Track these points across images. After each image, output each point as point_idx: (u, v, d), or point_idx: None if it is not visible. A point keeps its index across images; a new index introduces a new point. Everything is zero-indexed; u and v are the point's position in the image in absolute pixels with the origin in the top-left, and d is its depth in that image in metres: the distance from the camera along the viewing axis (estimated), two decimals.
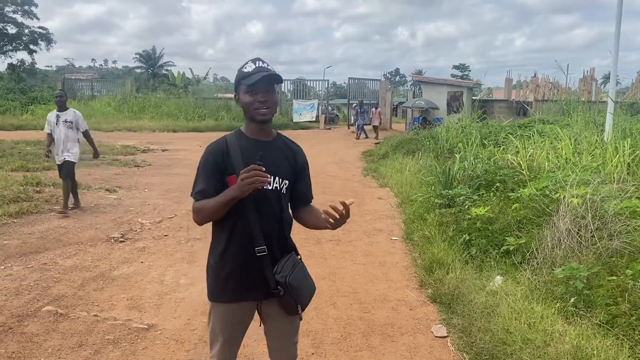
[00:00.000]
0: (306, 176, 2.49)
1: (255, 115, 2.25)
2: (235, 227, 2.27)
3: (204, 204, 2.22)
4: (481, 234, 5.89)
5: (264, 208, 2.27)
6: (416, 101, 24.72)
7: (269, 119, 2.27)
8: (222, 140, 2.34)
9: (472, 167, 8.38)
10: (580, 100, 23.33)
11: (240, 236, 2.27)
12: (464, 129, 16.57)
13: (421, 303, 4.80)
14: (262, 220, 2.26)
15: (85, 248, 6.26)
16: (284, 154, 2.38)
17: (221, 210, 2.19)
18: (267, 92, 2.24)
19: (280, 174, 2.32)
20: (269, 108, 2.24)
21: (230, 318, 2.37)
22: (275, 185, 2.30)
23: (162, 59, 57.08)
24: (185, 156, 16.33)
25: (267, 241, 2.26)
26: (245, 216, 2.24)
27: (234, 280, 2.30)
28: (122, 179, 11.24)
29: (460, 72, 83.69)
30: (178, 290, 4.97)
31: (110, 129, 24.25)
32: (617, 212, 5.15)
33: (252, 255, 2.24)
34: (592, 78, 29.59)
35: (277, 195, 2.31)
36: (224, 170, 2.24)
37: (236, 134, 2.36)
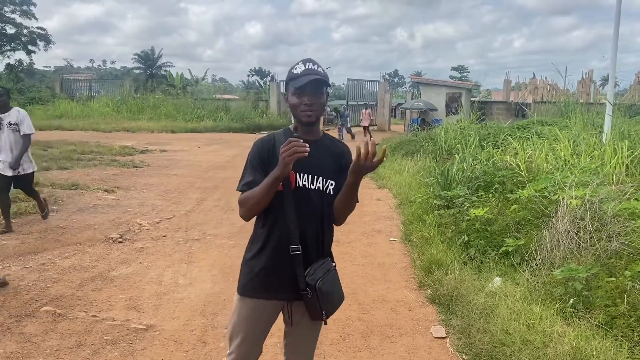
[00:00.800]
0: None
1: (301, 117, 2.25)
2: (274, 224, 2.27)
3: (250, 192, 2.21)
4: (480, 235, 5.90)
5: (304, 207, 2.26)
6: (415, 102, 24.74)
7: (314, 121, 2.27)
8: (270, 137, 2.35)
9: (471, 168, 8.38)
10: (578, 102, 23.38)
11: (278, 233, 2.26)
12: (462, 130, 16.60)
13: (420, 304, 4.80)
14: (300, 218, 2.25)
15: (84, 248, 6.24)
16: (329, 152, 2.35)
17: (267, 194, 2.17)
18: (314, 95, 2.22)
19: (325, 174, 2.30)
20: (314, 111, 2.24)
21: (257, 314, 2.35)
22: (319, 185, 2.29)
23: (161, 59, 57.01)
24: (184, 157, 16.33)
25: (303, 241, 2.25)
26: (284, 213, 2.24)
27: (266, 277, 2.30)
28: (120, 180, 11.23)
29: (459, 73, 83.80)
30: (177, 291, 4.96)
31: (108, 129, 24.25)
32: (616, 213, 5.16)
33: (287, 253, 2.24)
34: (591, 80, 29.67)
35: (320, 196, 2.30)
36: (269, 165, 2.22)
37: (284, 131, 2.39)
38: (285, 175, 2.12)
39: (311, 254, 2.28)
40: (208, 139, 22.49)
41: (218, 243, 6.70)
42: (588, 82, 29.15)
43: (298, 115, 2.25)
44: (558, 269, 4.76)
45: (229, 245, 6.61)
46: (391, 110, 33.06)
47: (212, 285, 5.17)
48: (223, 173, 13.07)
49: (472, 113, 23.07)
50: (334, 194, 2.31)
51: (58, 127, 24.73)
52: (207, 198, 9.75)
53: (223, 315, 4.44)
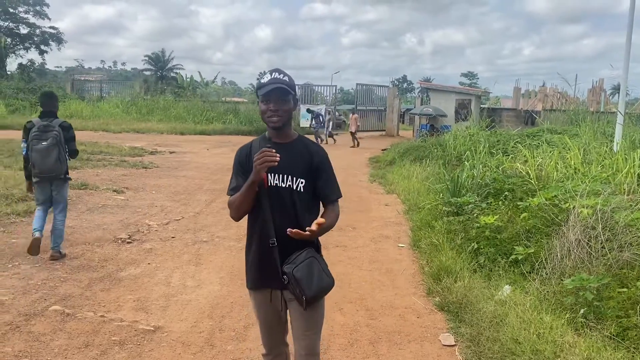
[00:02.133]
0: (325, 176, 2.63)
1: (268, 122, 2.52)
2: (256, 221, 2.57)
3: (233, 197, 2.54)
4: (490, 242, 5.85)
5: (277, 204, 2.51)
6: (424, 108, 24.68)
7: (280, 125, 2.51)
8: (248, 144, 2.66)
9: (481, 175, 8.33)
10: (588, 111, 23.25)
11: (260, 230, 2.54)
12: (471, 136, 16.54)
13: (429, 311, 4.77)
14: (275, 215, 2.50)
15: (93, 248, 6.26)
16: (300, 154, 2.58)
17: (245, 198, 2.47)
18: (279, 102, 2.47)
19: (294, 172, 2.53)
20: (280, 117, 2.49)
21: (259, 302, 2.63)
22: (289, 183, 2.53)
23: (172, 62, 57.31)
24: (192, 159, 16.38)
25: (279, 235, 2.47)
26: (263, 212, 2.51)
27: (256, 269, 2.59)
28: (129, 180, 11.27)
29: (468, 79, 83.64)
30: (185, 293, 4.96)
31: (118, 130, 24.36)
32: (627, 223, 5.11)
33: (268, 247, 2.49)
34: (601, 88, 29.51)
35: (290, 193, 2.53)
36: (248, 170, 2.48)
37: (261, 137, 2.67)
38: (258, 180, 2.42)
39: (288, 246, 2.47)
40: (217, 142, 22.54)
41: (226, 245, 6.70)
42: (598, 90, 29.00)
43: (266, 121, 2.52)
44: (568, 278, 4.72)
45: (237, 247, 6.60)
46: (400, 115, 33.01)
47: (220, 287, 5.17)
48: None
49: (481, 120, 22.99)
50: (304, 191, 2.55)
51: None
52: (215, 200, 9.76)
53: (230, 318, 4.44)
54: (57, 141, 5.60)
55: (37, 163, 5.56)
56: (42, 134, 5.57)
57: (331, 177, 2.68)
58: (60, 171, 5.73)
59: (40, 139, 5.55)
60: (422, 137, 19.80)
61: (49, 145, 5.56)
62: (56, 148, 5.59)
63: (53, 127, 5.65)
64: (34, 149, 5.54)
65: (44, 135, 5.57)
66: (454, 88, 27.86)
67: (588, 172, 7.88)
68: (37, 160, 5.55)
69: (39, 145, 5.54)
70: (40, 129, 5.60)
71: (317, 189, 2.61)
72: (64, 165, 5.75)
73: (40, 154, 5.54)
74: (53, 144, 5.57)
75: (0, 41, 38.92)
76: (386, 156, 17.14)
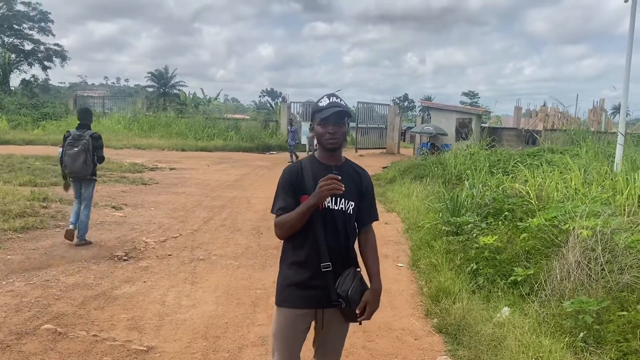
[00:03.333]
0: (369, 197, 2.73)
1: (326, 145, 2.57)
2: (305, 242, 2.56)
3: (285, 217, 2.51)
4: (489, 263, 5.80)
5: (331, 227, 2.56)
6: (425, 127, 24.73)
7: (337, 147, 2.59)
8: (297, 164, 2.68)
9: (481, 195, 8.30)
10: (589, 131, 23.28)
11: (309, 250, 2.55)
12: (472, 155, 16.54)
13: (426, 333, 4.71)
14: (328, 237, 2.54)
15: (89, 265, 6.22)
16: (351, 177, 2.65)
17: (301, 219, 2.48)
18: (337, 125, 2.54)
19: (346, 195, 2.57)
20: (337, 139, 2.56)
21: (292, 322, 2.63)
22: (341, 206, 2.59)
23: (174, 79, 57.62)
24: (193, 175, 16.36)
25: (331, 257, 2.54)
26: (314, 233, 2.53)
27: (299, 289, 2.58)
28: (128, 197, 11.24)
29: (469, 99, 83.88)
30: (179, 312, 4.90)
31: (119, 146, 24.38)
32: (627, 245, 5.06)
33: (318, 268, 2.53)
34: (602, 109, 29.60)
35: (343, 216, 2.59)
36: (298, 190, 2.55)
37: (310, 159, 2.69)
38: (319, 204, 2.47)
39: (338, 267, 2.56)
40: (218, 158, 22.55)
41: (223, 264, 6.65)
42: (599, 110, 29.09)
43: (323, 143, 2.57)
44: (568, 300, 4.66)
45: (234, 266, 6.55)
46: (400, 133, 33.06)
47: (216, 307, 5.10)
48: (231, 192, 13.06)
49: (482, 139, 23.02)
50: (353, 214, 2.63)
51: None
52: (214, 217, 9.72)
53: (225, 339, 4.37)
54: (85, 148, 6.75)
55: (68, 165, 6.82)
56: (74, 142, 6.77)
57: (374, 199, 2.79)
58: (87, 172, 6.88)
59: (73, 146, 6.76)
60: (423, 155, 19.78)
61: (79, 151, 6.73)
62: (84, 154, 6.75)
63: (84, 136, 6.82)
64: (66, 154, 6.79)
65: (76, 142, 6.77)
66: (455, 107, 27.94)
67: (588, 193, 7.84)
68: (68, 163, 6.81)
69: (71, 150, 6.76)
70: (74, 137, 6.81)
71: (360, 210, 2.68)
72: (90, 167, 6.87)
73: (70, 158, 6.76)
74: (82, 150, 6.74)
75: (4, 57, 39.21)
76: (387, 174, 17.12)
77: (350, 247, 2.65)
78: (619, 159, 12.39)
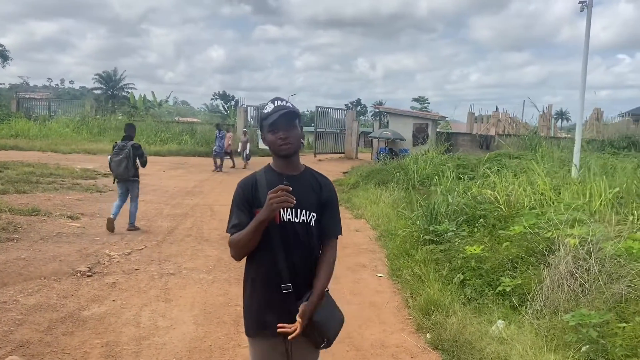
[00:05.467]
0: (331, 209, 2.46)
1: (279, 152, 2.34)
2: (261, 262, 2.33)
3: (237, 235, 2.28)
4: (475, 273, 5.68)
5: (292, 242, 2.31)
6: (383, 132, 24.79)
7: (292, 152, 2.36)
8: (252, 176, 2.43)
9: (457, 202, 8.22)
10: (542, 136, 23.97)
11: (267, 271, 2.32)
12: (431, 160, 16.64)
13: (421, 349, 4.51)
14: (288, 254, 2.30)
15: (49, 283, 5.71)
16: (310, 186, 2.41)
17: (254, 237, 2.24)
18: (287, 129, 2.32)
19: (306, 206, 2.34)
20: (290, 144, 2.32)
21: (265, 351, 2.38)
22: (303, 218, 2.34)
23: (123, 80, 55.93)
24: (149, 181, 15.67)
25: (293, 276, 2.30)
26: (272, 250, 2.29)
27: (263, 315, 2.33)
28: (84, 205, 10.60)
29: (419, 104, 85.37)
30: (157, 334, 4.52)
31: (68, 150, 23.26)
32: (614, 253, 5.04)
33: (278, 290, 2.28)
34: (551, 114, 30.58)
35: (305, 229, 2.34)
36: (253, 203, 2.32)
37: (265, 169, 2.44)
38: (270, 218, 2.22)
39: (303, 287, 2.31)
40: (173, 163, 21.83)
41: (196, 278, 6.27)
42: (548, 116, 30.03)
43: (277, 151, 2.35)
44: (563, 312, 4.57)
45: (208, 280, 6.19)
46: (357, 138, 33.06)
47: (195, 327, 4.74)
48: (191, 199, 12.59)
49: (439, 144, 23.28)
50: (316, 226, 2.37)
51: (14, 146, 23.59)
52: (178, 227, 9.28)
53: None
54: (126, 156, 8.27)
55: (113, 169, 8.39)
56: (119, 151, 8.31)
57: (337, 211, 2.51)
58: (128, 175, 8.39)
59: (117, 154, 8.31)
60: (383, 160, 19.78)
61: (121, 159, 8.28)
62: (125, 160, 8.27)
63: (127, 146, 8.33)
64: (112, 160, 8.36)
65: (120, 152, 8.30)
66: (411, 113, 28.20)
67: (561, 199, 7.89)
68: (114, 168, 8.38)
69: (116, 158, 8.32)
70: (119, 147, 8.36)
71: (322, 222, 2.41)
72: (131, 171, 8.38)
73: (115, 164, 8.33)
74: (124, 158, 8.27)
75: None
76: (349, 179, 16.97)
77: (314, 264, 2.38)
78: (576, 164, 12.72)
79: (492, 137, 27.19)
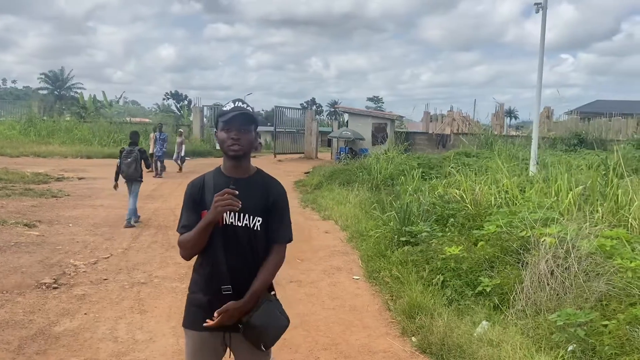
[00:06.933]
0: (278, 213, 2.44)
1: (227, 151, 2.35)
2: (205, 262, 2.38)
3: (185, 236, 2.34)
4: (454, 274, 5.70)
5: (233, 245, 2.34)
6: (343, 131, 24.88)
7: (241, 155, 2.35)
8: (200, 178, 2.46)
9: (429, 202, 8.27)
10: (496, 135, 24.58)
11: (209, 272, 2.36)
12: (392, 160, 16.77)
13: (409, 354, 4.47)
14: (229, 257, 2.33)
15: (13, 297, 5.38)
16: (258, 190, 2.41)
17: (200, 238, 2.30)
18: (241, 131, 2.33)
19: (251, 211, 2.36)
20: (241, 146, 2.33)
21: (199, 345, 2.42)
22: (246, 222, 2.36)
23: (71, 80, 54.04)
24: (105, 185, 15.07)
25: (234, 278, 2.32)
26: (214, 253, 2.33)
27: (203, 312, 2.35)
28: (40, 212, 10.12)
29: (374, 103, 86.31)
30: (137, 349, 4.31)
31: (16, 154, 22.21)
32: (590, 252, 5.15)
33: (219, 292, 2.31)
34: (503, 113, 31.45)
35: (248, 233, 2.36)
36: (200, 205, 2.36)
37: (214, 171, 2.46)
38: (215, 221, 2.27)
39: (243, 290, 2.32)
40: None
41: (169, 287, 6.05)
42: (501, 115, 30.88)
43: (225, 150, 2.35)
44: (546, 311, 4.63)
45: (182, 289, 5.96)
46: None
47: (176, 340, 4.55)
48: (152, 204, 12.24)
49: (398, 143, 23.53)
50: (262, 230, 2.38)
51: None
52: (142, 233, 8.98)
53: None
54: (135, 159, 9.53)
55: (124, 171, 9.57)
56: (128, 154, 9.55)
57: (286, 215, 2.49)
58: (136, 176, 9.70)
59: (127, 157, 9.53)
60: (344, 160, 19.81)
61: (131, 162, 9.51)
62: (134, 163, 9.52)
63: (134, 151, 9.59)
64: (122, 163, 9.55)
65: (129, 155, 9.54)
66: (370, 112, 28.41)
67: (528, 198, 8.04)
68: (124, 169, 9.56)
69: (126, 161, 9.53)
70: (128, 152, 9.60)
71: (269, 226, 2.42)
72: (138, 172, 9.67)
73: (126, 166, 9.53)
74: (133, 161, 9.51)
75: None
76: (312, 180, 16.90)
77: (258, 267, 2.39)
78: (534, 162, 13.08)
79: (448, 136, 27.72)
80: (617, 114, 28.80)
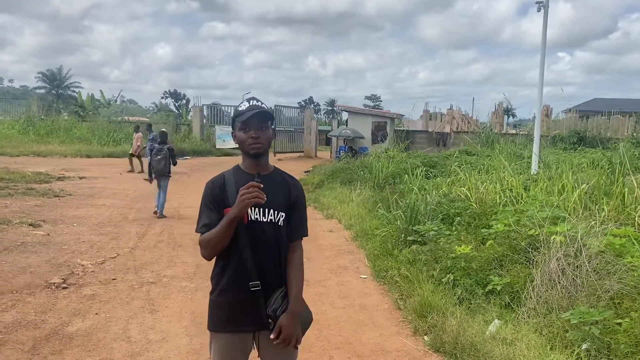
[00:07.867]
0: (299, 210, 2.49)
1: (249, 150, 2.35)
2: (230, 261, 2.34)
3: (208, 234, 2.29)
4: (464, 273, 5.70)
5: (260, 241, 2.34)
6: (343, 130, 24.86)
7: (262, 153, 2.38)
8: (220, 176, 2.45)
9: (435, 201, 8.28)
10: (497, 133, 24.61)
11: (235, 270, 2.33)
12: (393, 158, 16.76)
13: (423, 353, 4.48)
14: (256, 253, 2.32)
15: (23, 297, 5.37)
16: (279, 187, 2.43)
17: (225, 235, 2.26)
18: (259, 129, 2.34)
19: (274, 206, 2.36)
20: (261, 143, 2.34)
21: (229, 348, 2.40)
22: (271, 217, 2.36)
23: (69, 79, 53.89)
24: (107, 184, 15.16)
25: (261, 275, 2.32)
26: (240, 250, 2.30)
27: (231, 312, 2.36)
28: (44, 212, 10.09)
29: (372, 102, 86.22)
30: (151, 349, 4.31)
31: (16, 153, 22.17)
32: (600, 250, 5.16)
33: (247, 289, 2.30)
34: (502, 111, 31.46)
35: (273, 228, 2.37)
36: (221, 203, 2.34)
37: (234, 169, 2.46)
38: (242, 215, 2.25)
39: (271, 286, 2.34)
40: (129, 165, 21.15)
41: (178, 286, 6.04)
42: (500, 113, 30.89)
43: (246, 149, 2.36)
44: (558, 310, 4.64)
45: (191, 288, 5.98)
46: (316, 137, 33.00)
47: (189, 340, 4.56)
48: (154, 203, 12.20)
49: (398, 142, 23.53)
50: (284, 225, 2.40)
51: None
52: (147, 232, 8.97)
53: None
54: (164, 156, 10.36)
55: (155, 167, 10.38)
56: (158, 152, 10.41)
57: (304, 212, 2.54)
58: (165, 172, 10.46)
59: (157, 155, 10.40)
60: (344, 158, 19.80)
61: (161, 158, 10.34)
62: (164, 160, 10.34)
63: (163, 149, 10.44)
64: (153, 160, 10.44)
65: (159, 152, 10.39)
66: (370, 111, 28.40)
67: (534, 196, 8.06)
68: (155, 166, 10.38)
69: (156, 157, 10.38)
70: (158, 149, 10.47)
71: (290, 222, 2.44)
72: (167, 168, 10.49)
73: (156, 162, 10.35)
74: (163, 157, 10.35)
75: None
76: (313, 178, 16.88)
77: (283, 262, 2.42)
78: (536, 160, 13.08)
79: (448, 134, 27.72)
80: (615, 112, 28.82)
